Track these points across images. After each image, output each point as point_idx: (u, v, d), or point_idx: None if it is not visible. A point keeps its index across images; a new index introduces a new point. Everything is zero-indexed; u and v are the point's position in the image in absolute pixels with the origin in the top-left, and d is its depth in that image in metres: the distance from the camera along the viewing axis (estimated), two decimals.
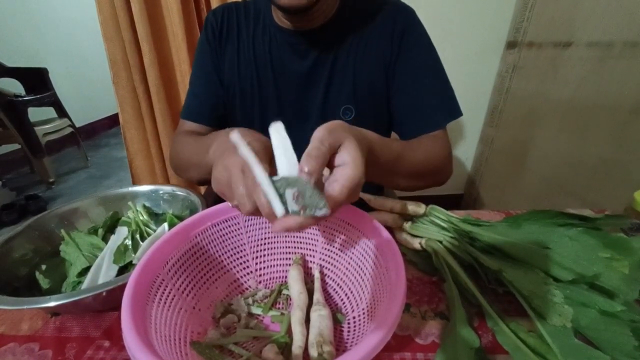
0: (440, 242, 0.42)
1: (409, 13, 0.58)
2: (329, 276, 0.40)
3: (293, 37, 0.57)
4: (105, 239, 0.48)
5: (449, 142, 0.58)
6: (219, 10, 0.62)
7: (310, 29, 0.55)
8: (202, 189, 1.37)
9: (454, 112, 0.57)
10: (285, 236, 0.43)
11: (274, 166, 0.27)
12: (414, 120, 0.58)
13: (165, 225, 0.49)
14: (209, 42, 0.61)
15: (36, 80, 2.19)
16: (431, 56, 0.58)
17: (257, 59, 0.59)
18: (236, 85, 0.61)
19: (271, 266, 0.43)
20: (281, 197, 0.24)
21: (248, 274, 0.42)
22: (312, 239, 0.42)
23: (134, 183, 1.40)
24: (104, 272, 0.42)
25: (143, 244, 0.46)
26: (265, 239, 0.43)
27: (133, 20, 1.11)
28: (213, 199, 0.73)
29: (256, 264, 0.43)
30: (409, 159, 0.46)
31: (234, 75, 0.61)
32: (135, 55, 1.15)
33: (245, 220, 0.42)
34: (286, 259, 0.43)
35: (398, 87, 0.58)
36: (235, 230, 0.41)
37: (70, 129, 2.35)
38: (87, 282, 0.41)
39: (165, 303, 0.31)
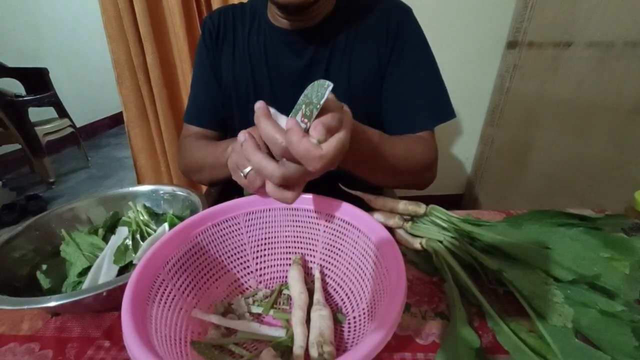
0: (441, 242, 0.42)
1: (405, 11, 0.57)
2: (329, 276, 0.40)
3: (289, 36, 0.57)
4: (106, 239, 0.48)
5: (435, 146, 0.57)
6: (215, 13, 0.63)
7: (306, 27, 0.55)
8: (203, 189, 1.37)
9: (444, 114, 0.57)
10: (286, 236, 0.43)
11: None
12: (400, 120, 0.58)
13: (166, 225, 0.49)
14: (207, 45, 0.62)
15: (36, 80, 2.19)
16: (424, 56, 0.57)
17: (252, 59, 0.60)
18: (232, 86, 0.62)
19: (271, 266, 0.43)
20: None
21: (248, 274, 0.42)
22: (312, 239, 0.42)
23: (139, 182, 1.40)
24: (104, 272, 0.42)
25: (143, 244, 0.46)
26: (265, 239, 0.43)
27: (136, 20, 1.11)
28: (213, 199, 0.74)
29: (256, 264, 0.43)
30: (387, 152, 0.45)
31: (230, 76, 0.61)
32: (139, 55, 1.16)
33: (246, 220, 0.42)
34: (286, 259, 0.43)
35: (389, 86, 0.57)
36: (236, 230, 0.41)
37: (70, 129, 2.35)
38: (87, 282, 0.41)
39: (165, 303, 0.31)
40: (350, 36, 0.56)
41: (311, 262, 0.42)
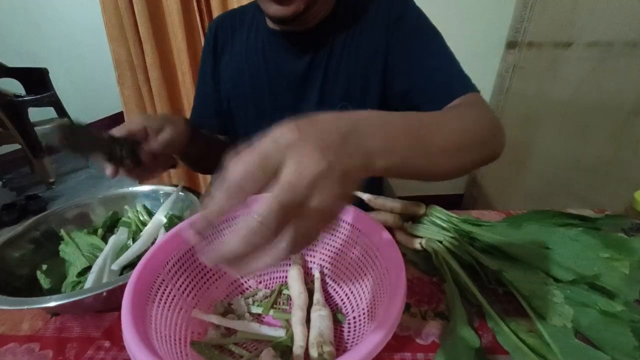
0: (441, 242, 0.42)
1: (402, 1, 0.55)
2: (329, 276, 0.40)
3: (287, 39, 0.57)
4: (105, 239, 0.48)
5: (488, 106, 0.47)
6: (213, 22, 0.64)
7: (305, 29, 0.55)
8: (203, 189, 1.37)
9: (469, 85, 0.50)
10: None
11: None
12: (435, 91, 0.50)
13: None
14: (207, 54, 0.64)
15: (36, 80, 2.19)
16: (434, 33, 0.54)
17: (250, 63, 0.60)
18: (231, 92, 0.63)
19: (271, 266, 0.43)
20: None
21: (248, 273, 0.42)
22: None
23: (140, 182, 1.40)
24: (107, 273, 0.42)
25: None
26: None
27: (136, 21, 1.11)
28: None
29: None
30: (437, 126, 0.32)
31: (229, 82, 0.63)
32: (138, 56, 1.16)
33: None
34: (286, 258, 0.43)
35: (406, 69, 0.53)
36: None
37: None
38: (90, 283, 0.41)
39: (165, 303, 0.31)
40: (349, 35, 0.56)
41: (311, 262, 0.42)
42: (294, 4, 0.46)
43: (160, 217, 0.50)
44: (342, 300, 0.38)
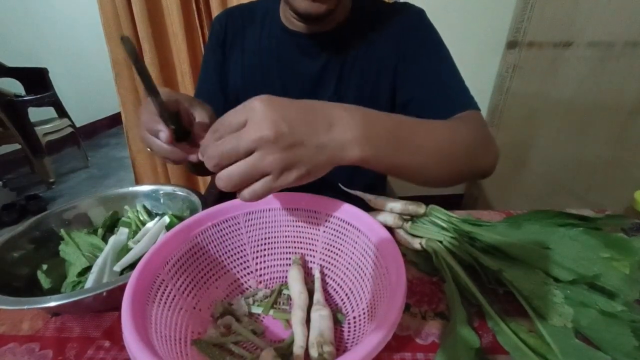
0: (441, 242, 0.42)
1: (416, 14, 0.56)
2: (329, 276, 0.40)
3: (303, 40, 0.56)
4: (105, 239, 0.48)
5: (485, 124, 0.49)
6: (222, 16, 0.62)
7: (321, 31, 0.55)
8: (203, 189, 1.37)
9: (471, 103, 0.51)
10: (286, 236, 0.43)
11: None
12: (435, 104, 0.51)
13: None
14: (214, 49, 0.62)
15: (36, 80, 2.19)
16: (444, 50, 0.55)
17: (263, 62, 0.59)
18: (241, 91, 0.61)
19: (271, 266, 0.43)
20: None
21: (248, 274, 0.42)
22: (312, 239, 0.42)
23: (137, 182, 1.40)
24: (107, 273, 0.42)
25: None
26: (265, 239, 0.43)
27: (134, 20, 1.11)
28: (213, 198, 0.73)
29: (256, 264, 0.43)
30: (420, 130, 0.35)
31: (239, 82, 0.61)
32: None
33: (246, 220, 0.42)
34: (286, 259, 0.43)
35: (412, 81, 0.55)
36: (236, 230, 0.41)
37: (70, 129, 2.35)
38: (90, 283, 0.41)
39: (165, 303, 0.31)
40: (363, 42, 0.56)
41: (311, 262, 0.42)
42: (328, 2, 0.46)
43: (164, 218, 0.50)
44: (342, 300, 0.38)
